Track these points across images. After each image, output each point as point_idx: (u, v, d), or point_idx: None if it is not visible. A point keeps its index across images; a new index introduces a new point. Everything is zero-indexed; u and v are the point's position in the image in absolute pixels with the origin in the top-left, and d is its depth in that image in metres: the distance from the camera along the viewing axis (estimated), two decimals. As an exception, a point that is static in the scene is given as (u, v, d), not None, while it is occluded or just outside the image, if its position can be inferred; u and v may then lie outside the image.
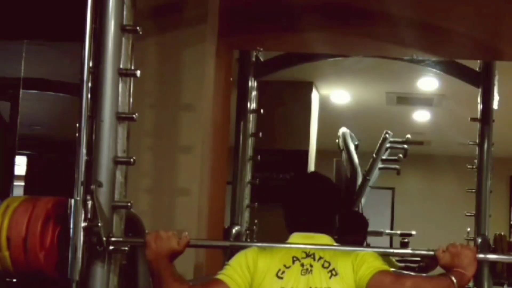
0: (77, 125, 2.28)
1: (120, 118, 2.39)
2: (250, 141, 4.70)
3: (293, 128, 6.60)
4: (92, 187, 2.28)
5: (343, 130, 6.55)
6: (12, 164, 5.43)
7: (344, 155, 6.48)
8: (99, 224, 2.27)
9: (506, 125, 5.86)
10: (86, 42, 2.31)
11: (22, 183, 7.48)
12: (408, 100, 7.56)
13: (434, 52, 4.15)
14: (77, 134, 2.26)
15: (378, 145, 6.50)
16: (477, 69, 4.72)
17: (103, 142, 2.36)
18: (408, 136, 6.59)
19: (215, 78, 3.76)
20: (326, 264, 2.42)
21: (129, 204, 2.41)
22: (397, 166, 6.64)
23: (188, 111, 3.63)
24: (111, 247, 2.33)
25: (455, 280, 2.30)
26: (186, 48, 3.63)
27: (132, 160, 2.41)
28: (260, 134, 4.71)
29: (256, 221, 4.68)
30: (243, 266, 2.44)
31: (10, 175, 5.37)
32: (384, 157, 6.59)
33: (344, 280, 2.39)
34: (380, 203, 9.48)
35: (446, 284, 2.31)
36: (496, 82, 4.67)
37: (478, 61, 4.64)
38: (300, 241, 2.50)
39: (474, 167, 4.68)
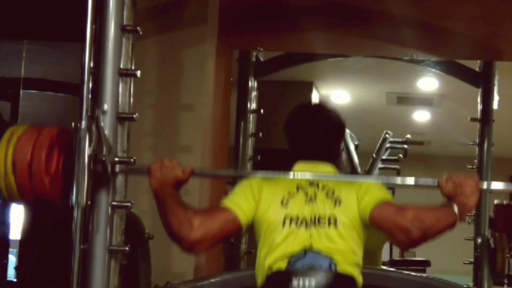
0: (78, 125, 2.28)
1: (120, 118, 2.39)
2: (250, 141, 4.69)
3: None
4: (97, 113, 2.28)
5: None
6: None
7: (344, 155, 6.48)
8: (104, 151, 2.27)
9: (506, 125, 5.86)
10: (86, 42, 2.31)
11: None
12: (408, 100, 7.56)
13: (434, 52, 4.16)
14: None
15: (378, 145, 6.50)
16: (477, 69, 4.72)
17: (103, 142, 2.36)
18: (408, 136, 6.59)
19: (215, 78, 3.76)
20: (330, 193, 2.41)
21: (129, 204, 2.41)
22: (397, 166, 6.63)
23: (188, 111, 3.63)
24: (115, 173, 2.33)
25: (456, 209, 2.30)
26: (186, 48, 3.63)
27: (132, 160, 2.41)
28: (260, 134, 4.71)
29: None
30: (248, 193, 2.42)
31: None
32: (384, 157, 6.59)
33: (347, 208, 2.38)
34: (380, 203, 9.45)
35: (448, 213, 2.31)
36: (496, 82, 4.67)
37: (478, 61, 4.64)
38: (304, 169, 2.48)
39: (474, 167, 4.69)
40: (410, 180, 2.51)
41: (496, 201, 4.78)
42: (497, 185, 2.52)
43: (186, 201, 3.38)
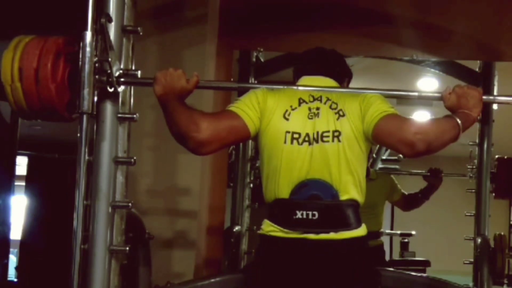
0: (78, 125, 2.28)
1: (120, 118, 2.39)
2: (250, 141, 4.69)
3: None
4: (102, 21, 2.28)
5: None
6: (12, 164, 5.43)
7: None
8: (109, 59, 2.27)
9: (506, 125, 5.86)
10: (86, 42, 2.30)
11: (23, 183, 7.48)
12: (408, 100, 7.55)
13: (434, 52, 4.15)
14: (78, 134, 2.26)
15: (378, 145, 6.50)
16: (477, 69, 4.72)
17: (104, 142, 2.36)
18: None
19: (215, 78, 3.76)
20: (333, 105, 2.42)
21: (129, 204, 2.41)
22: (397, 166, 6.63)
23: (188, 111, 3.63)
24: (120, 83, 2.33)
25: (460, 121, 2.32)
26: (186, 48, 3.63)
27: (132, 160, 2.41)
28: (260, 134, 4.70)
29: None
30: (254, 102, 2.42)
31: (10, 175, 5.38)
32: (384, 157, 6.59)
33: (351, 120, 2.39)
34: (380, 203, 9.47)
35: (452, 125, 2.32)
36: (496, 82, 4.67)
37: (478, 61, 4.64)
38: (307, 83, 2.51)
39: (474, 167, 4.69)
40: (414, 93, 2.51)
41: (497, 156, 4.81)
42: (501, 98, 2.52)
43: (186, 202, 3.39)
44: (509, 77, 5.09)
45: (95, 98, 2.28)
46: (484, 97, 2.38)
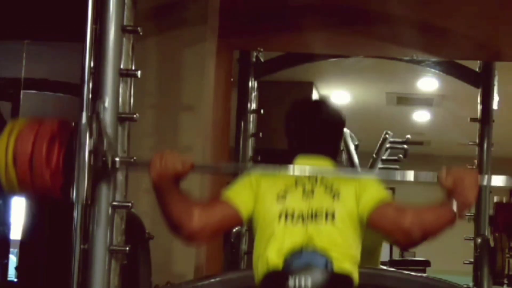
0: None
1: (120, 118, 2.40)
2: (250, 141, 4.70)
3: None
4: (98, 108, 2.28)
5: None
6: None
7: (344, 155, 6.48)
8: (105, 144, 2.28)
9: (506, 125, 5.86)
10: (87, 42, 2.31)
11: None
12: (408, 100, 7.56)
13: (434, 52, 4.16)
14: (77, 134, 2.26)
15: (378, 145, 6.50)
16: (477, 69, 4.72)
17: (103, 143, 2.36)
18: (408, 136, 6.59)
19: (215, 78, 3.77)
20: (328, 187, 2.41)
21: (129, 204, 2.41)
22: (397, 166, 6.63)
23: (188, 111, 3.63)
24: (116, 167, 2.34)
25: (455, 206, 2.29)
26: (186, 48, 3.63)
27: (132, 160, 2.41)
28: (260, 134, 4.71)
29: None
30: (247, 186, 2.42)
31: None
32: (384, 157, 6.60)
33: (346, 203, 2.38)
34: (380, 203, 9.45)
35: (447, 211, 2.30)
36: (496, 82, 4.68)
37: (478, 61, 4.64)
38: (303, 163, 2.48)
39: (474, 167, 4.69)
40: (410, 175, 2.51)
41: (496, 199, 4.79)
42: (496, 180, 2.52)
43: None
44: (509, 77, 5.10)
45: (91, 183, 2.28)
46: (479, 180, 2.36)
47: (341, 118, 2.62)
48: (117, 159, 2.35)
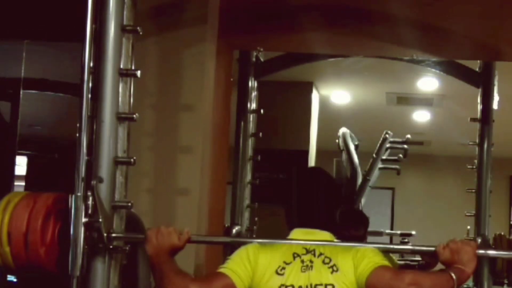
0: (77, 125, 2.28)
1: (120, 118, 2.39)
2: (250, 141, 4.69)
3: (293, 128, 6.60)
4: (93, 182, 2.28)
5: (343, 130, 6.55)
6: (12, 164, 5.43)
7: (344, 155, 6.48)
8: (100, 220, 2.27)
9: (506, 125, 5.86)
10: (86, 42, 2.31)
11: (23, 183, 7.48)
12: (408, 100, 7.56)
13: (434, 52, 4.15)
14: (77, 134, 2.26)
15: (378, 145, 6.50)
16: (477, 69, 4.72)
17: (104, 142, 2.36)
18: (408, 136, 6.59)
19: (215, 78, 3.76)
20: (326, 260, 2.42)
21: (129, 204, 2.41)
22: (397, 166, 6.64)
23: (188, 111, 3.63)
24: (112, 243, 2.33)
25: (454, 276, 2.30)
26: (186, 48, 3.63)
27: (132, 160, 2.41)
28: (260, 134, 4.71)
29: (256, 219, 4.68)
30: (245, 260, 2.44)
31: (10, 175, 5.38)
32: (384, 157, 6.59)
33: (345, 276, 2.39)
34: (380, 203, 9.48)
35: (445, 279, 2.31)
36: (496, 82, 4.67)
37: (478, 61, 4.64)
38: (300, 237, 2.50)
39: (474, 167, 4.68)
40: (408, 247, 2.53)
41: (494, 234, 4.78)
42: (495, 252, 2.53)
43: (186, 202, 3.39)
44: (509, 77, 5.10)
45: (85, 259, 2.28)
46: (478, 252, 2.36)
47: (336, 187, 2.69)
48: (113, 233, 2.34)
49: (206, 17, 3.68)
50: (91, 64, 2.33)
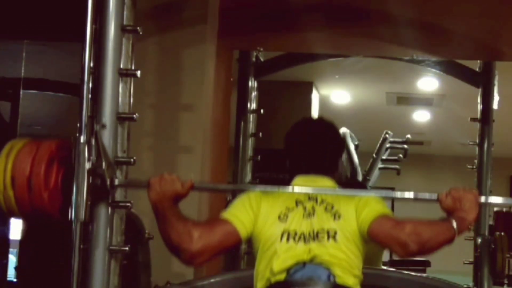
0: (77, 125, 2.28)
1: (120, 118, 2.39)
2: (250, 141, 4.69)
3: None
4: (96, 128, 2.28)
5: (343, 130, 6.54)
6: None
7: (344, 155, 6.47)
8: (103, 166, 2.27)
9: (506, 125, 5.86)
10: (86, 42, 2.31)
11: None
12: (408, 100, 7.56)
13: (434, 52, 4.16)
14: (77, 134, 2.26)
15: (378, 145, 6.50)
16: (477, 69, 4.72)
17: (104, 141, 2.36)
18: (408, 136, 6.59)
19: (215, 78, 3.76)
20: (329, 207, 2.41)
21: (129, 204, 2.41)
22: (397, 166, 6.63)
23: (188, 111, 3.63)
24: (114, 190, 2.33)
25: (455, 225, 2.30)
26: (186, 48, 3.63)
27: (132, 160, 2.41)
28: (260, 134, 4.71)
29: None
30: (247, 206, 2.42)
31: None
32: (384, 157, 6.59)
33: (346, 222, 2.38)
34: (380, 203, 9.44)
35: (446, 228, 2.31)
36: (496, 82, 4.67)
37: (478, 61, 4.64)
38: (302, 183, 2.48)
39: (474, 167, 4.68)
40: (409, 194, 2.51)
41: (496, 208, 4.80)
42: (496, 200, 2.53)
43: (186, 202, 3.38)
44: (509, 77, 5.10)
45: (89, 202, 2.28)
46: (480, 200, 2.37)
47: (337, 134, 2.63)
48: (116, 179, 2.34)
49: (206, 17, 3.68)
50: (91, 64, 2.33)
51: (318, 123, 2.67)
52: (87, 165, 2.25)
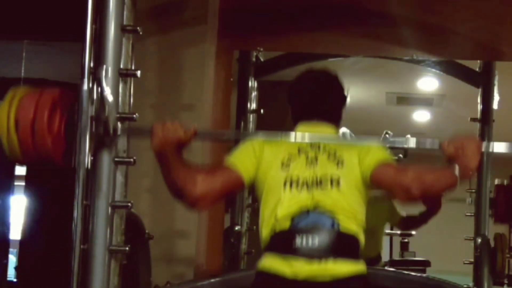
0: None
1: (120, 118, 2.39)
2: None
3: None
4: (99, 74, 2.28)
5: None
6: (12, 164, 5.43)
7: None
8: (106, 110, 2.27)
9: (506, 125, 5.86)
10: (86, 42, 2.31)
11: (23, 183, 7.48)
12: (408, 100, 7.55)
13: (434, 52, 4.15)
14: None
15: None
16: (477, 69, 4.72)
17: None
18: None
19: (215, 78, 3.76)
20: (331, 155, 2.41)
21: (129, 204, 2.41)
22: (397, 166, 6.62)
23: (188, 111, 3.63)
24: (117, 137, 2.34)
25: (457, 172, 2.31)
26: (186, 48, 3.63)
27: (132, 160, 2.41)
28: (260, 134, 4.70)
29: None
30: (250, 153, 2.42)
31: (10, 175, 5.38)
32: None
33: (349, 169, 2.38)
34: (380, 203, 9.45)
35: (449, 175, 2.32)
36: (496, 82, 4.67)
37: (478, 61, 4.64)
38: (305, 130, 2.49)
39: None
40: (412, 141, 2.50)
41: (496, 181, 4.81)
42: (499, 147, 2.52)
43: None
44: (509, 77, 5.09)
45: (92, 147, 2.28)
46: (482, 147, 2.37)
47: (341, 84, 2.61)
48: (119, 124, 2.34)
49: (206, 17, 3.68)
50: (91, 64, 2.33)
51: (323, 72, 2.66)
52: (90, 111, 2.25)
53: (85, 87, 2.25)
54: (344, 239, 2.34)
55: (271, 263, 2.34)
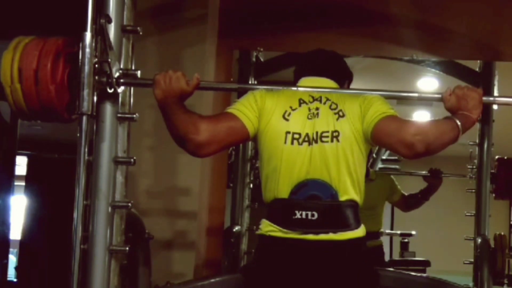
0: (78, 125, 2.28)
1: (120, 118, 2.39)
2: (250, 141, 4.69)
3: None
4: (102, 21, 2.27)
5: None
6: (12, 164, 5.43)
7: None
8: (109, 60, 2.27)
9: (506, 125, 5.86)
10: (86, 42, 2.30)
11: (23, 183, 7.49)
12: (408, 100, 7.55)
13: (434, 52, 4.15)
14: (77, 134, 2.26)
15: (378, 146, 6.49)
16: (477, 69, 4.72)
17: (104, 142, 2.36)
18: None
19: (215, 78, 3.76)
20: (333, 106, 2.42)
21: (129, 204, 2.41)
22: (397, 166, 6.63)
23: (188, 111, 3.62)
24: (119, 86, 2.34)
25: (459, 123, 2.32)
26: (186, 48, 3.63)
27: (132, 160, 2.41)
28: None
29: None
30: (252, 103, 2.43)
31: (10, 175, 5.37)
32: (384, 157, 6.59)
33: (351, 121, 2.40)
34: (380, 203, 9.45)
35: (451, 126, 2.32)
36: (496, 82, 4.67)
37: (478, 61, 4.64)
38: (307, 84, 2.51)
39: (474, 167, 4.68)
40: (414, 94, 2.51)
41: (497, 156, 4.82)
42: (502, 99, 2.52)
43: (186, 202, 3.39)
44: (509, 77, 5.09)
45: (95, 99, 2.27)
46: (484, 98, 2.38)
47: (345, 62, 2.69)
48: (121, 80, 2.34)
49: (206, 17, 3.68)
50: (91, 64, 2.33)
51: (329, 50, 2.71)
52: (93, 60, 2.25)
53: (88, 38, 2.24)
54: (342, 209, 2.38)
55: (271, 232, 2.39)
